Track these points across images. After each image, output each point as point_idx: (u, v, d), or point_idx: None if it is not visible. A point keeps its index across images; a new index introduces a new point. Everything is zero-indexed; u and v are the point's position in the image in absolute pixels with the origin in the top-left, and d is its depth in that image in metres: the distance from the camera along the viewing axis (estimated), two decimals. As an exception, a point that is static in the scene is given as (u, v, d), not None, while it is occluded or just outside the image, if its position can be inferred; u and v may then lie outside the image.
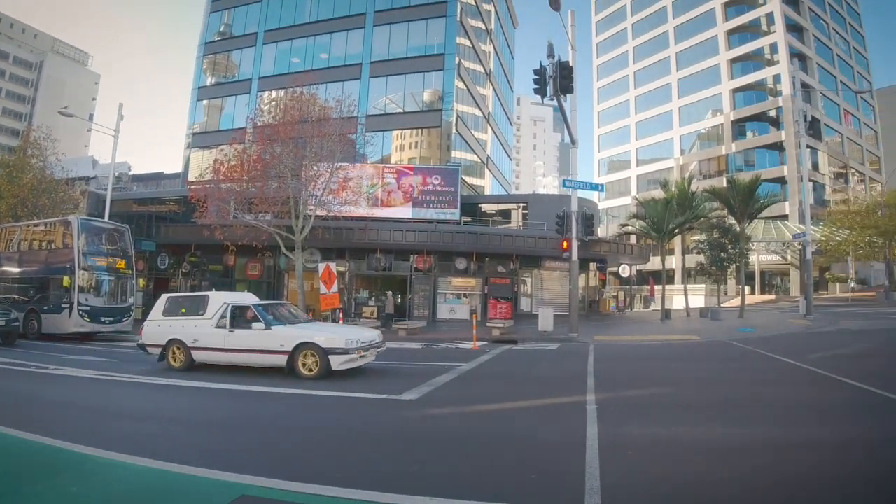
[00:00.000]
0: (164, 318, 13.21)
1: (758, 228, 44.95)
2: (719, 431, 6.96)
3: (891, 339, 18.08)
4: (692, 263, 43.09)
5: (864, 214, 45.77)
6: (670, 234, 32.52)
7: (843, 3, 73.08)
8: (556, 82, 18.84)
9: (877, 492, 4.75)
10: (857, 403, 8.63)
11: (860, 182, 65.43)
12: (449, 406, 8.70)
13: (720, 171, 58.83)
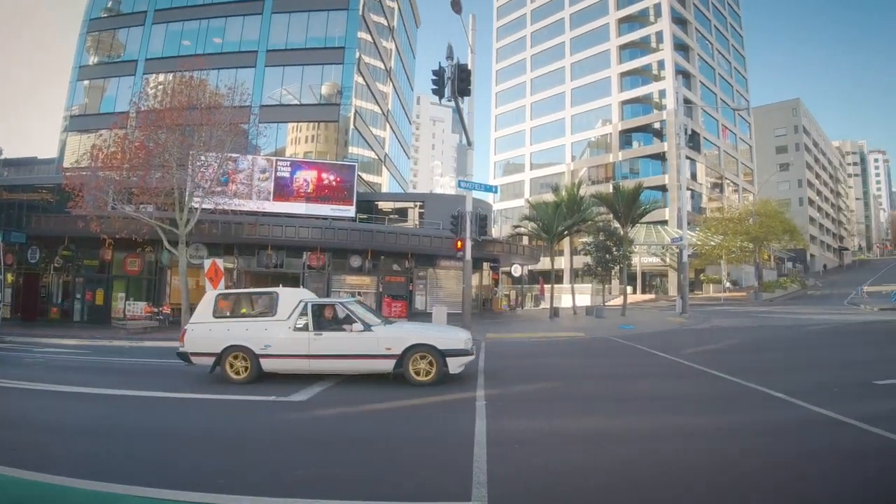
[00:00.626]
0: (217, 321, 10.96)
1: (640, 232, 47.68)
2: (601, 423, 7.30)
3: (757, 336, 19.54)
4: (580, 264, 44.86)
5: (736, 222, 49.68)
6: (560, 236, 33.70)
7: (728, 26, 79.02)
8: (454, 84, 18.92)
9: (742, 475, 5.12)
10: (724, 394, 9.20)
11: (734, 192, 70.71)
12: (339, 406, 8.51)
13: (607, 177, 61.80)
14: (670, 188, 56.56)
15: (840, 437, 6.35)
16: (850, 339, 17.91)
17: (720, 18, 76.77)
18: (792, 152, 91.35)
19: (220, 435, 7.10)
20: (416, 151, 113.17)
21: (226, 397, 9.24)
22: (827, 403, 7.71)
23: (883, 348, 15.21)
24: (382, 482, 5.04)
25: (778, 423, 7.11)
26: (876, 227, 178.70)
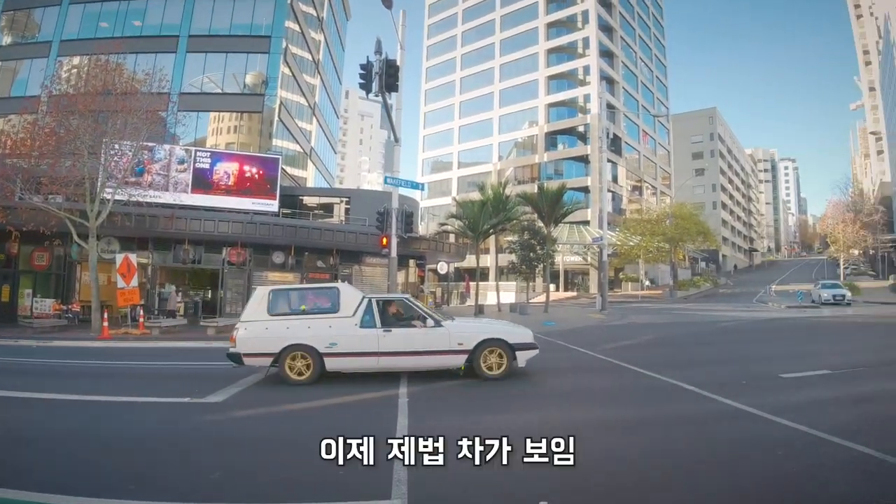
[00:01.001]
0: (274, 319, 10.27)
1: (563, 232, 48.93)
2: (520, 417, 7.45)
3: (671, 332, 20.39)
4: (505, 262, 45.47)
5: (654, 223, 51.73)
6: (485, 234, 34.08)
7: (652, 35, 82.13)
8: (382, 79, 18.83)
9: (641, 456, 5.38)
10: (639, 388, 9.61)
11: (653, 195, 73.51)
12: (257, 407, 8.31)
13: (533, 178, 62.92)
14: (593, 190, 58.14)
15: (748, 427, 6.74)
16: (758, 336, 18.91)
17: (644, 28, 79.69)
18: (707, 158, 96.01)
19: (129, 438, 6.78)
20: (343, 146, 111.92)
21: (135, 399, 8.87)
22: (736, 395, 8.15)
23: (788, 344, 16.24)
24: (300, 483, 4.98)
25: (689, 415, 7.47)
26: (784, 230, 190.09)
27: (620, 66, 69.13)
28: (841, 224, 69.43)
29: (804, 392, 8.73)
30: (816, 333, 19.69)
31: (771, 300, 40.35)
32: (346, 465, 5.33)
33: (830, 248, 75.04)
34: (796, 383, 9.44)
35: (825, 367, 10.63)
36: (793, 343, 16.58)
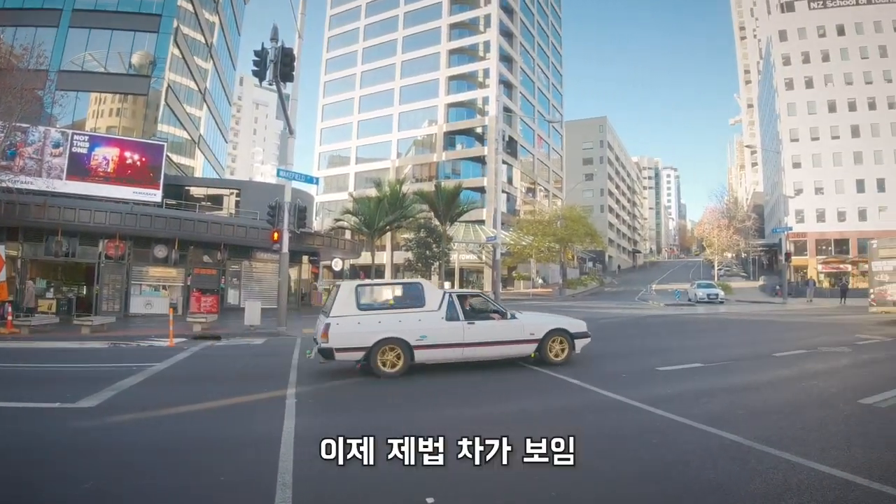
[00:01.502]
0: (364, 314, 10.32)
1: (459, 230, 49.72)
2: (414, 415, 7.58)
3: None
4: (401, 259, 45.66)
5: (546, 224, 53.54)
6: (381, 231, 34.14)
7: (550, 44, 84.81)
8: (277, 68, 18.45)
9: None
10: (525, 383, 9.96)
11: (545, 197, 76.08)
12: (134, 411, 7.85)
13: (431, 176, 63.33)
14: (488, 190, 59.29)
15: (626, 417, 7.26)
16: (638, 331, 20.04)
17: (543, 37, 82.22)
18: (597, 164, 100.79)
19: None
20: (235, 135, 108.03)
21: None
22: (616, 388, 8.72)
23: (665, 339, 17.28)
24: (179, 493, 4.81)
25: (572, 407, 7.92)
26: (665, 233, 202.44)
27: (519, 72, 71.08)
28: (716, 229, 74.98)
29: (679, 384, 9.36)
30: (691, 329, 21.09)
31: (651, 298, 42.85)
32: (228, 470, 5.27)
33: (706, 251, 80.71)
34: (672, 376, 10.14)
35: (698, 361, 11.52)
36: (669, 338, 17.62)
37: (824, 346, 13.84)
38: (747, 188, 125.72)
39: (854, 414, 7.06)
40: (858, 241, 68.66)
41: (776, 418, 7.00)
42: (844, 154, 70.36)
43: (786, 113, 73.64)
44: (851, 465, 5.00)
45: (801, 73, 73.57)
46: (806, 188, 70.47)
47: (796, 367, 10.94)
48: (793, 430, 6.29)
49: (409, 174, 62.56)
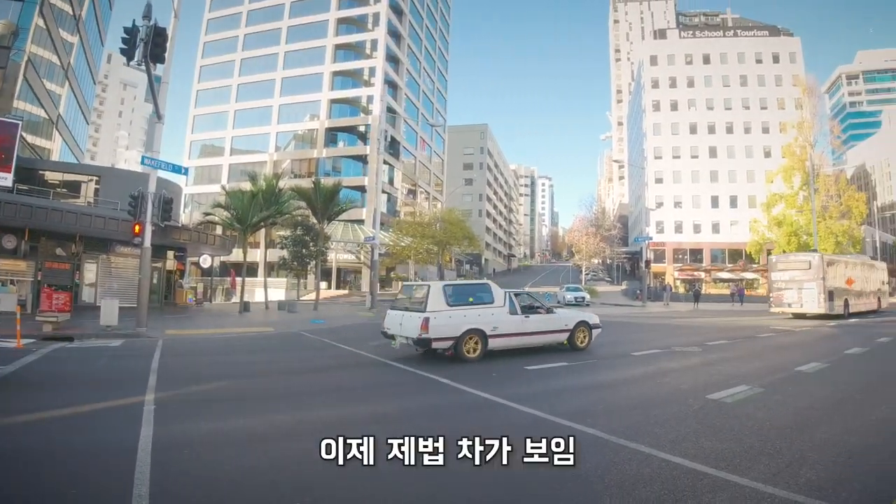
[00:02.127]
0: (453, 309, 12.09)
1: (338, 229, 48.95)
2: (279, 419, 7.14)
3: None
4: (275, 258, 44.20)
5: (425, 226, 53.92)
6: (255, 227, 32.81)
7: (437, 48, 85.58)
8: (148, 47, 17.21)
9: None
10: (401, 382, 10.00)
11: (426, 199, 76.70)
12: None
13: (310, 172, 61.77)
14: (369, 189, 58.88)
15: (495, 414, 7.35)
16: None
17: (431, 41, 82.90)
18: (477, 170, 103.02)
19: None
20: (98, 117, 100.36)
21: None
22: (486, 387, 8.82)
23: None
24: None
25: (444, 405, 7.93)
26: (539, 239, 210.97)
27: (405, 73, 71.12)
28: (585, 236, 79.15)
29: (545, 382, 9.67)
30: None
31: (523, 301, 44.11)
32: (79, 484, 4.75)
33: (575, 257, 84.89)
34: (539, 374, 10.44)
35: (563, 360, 11.98)
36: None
37: (677, 346, 14.87)
38: (614, 199, 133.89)
39: (703, 408, 7.52)
40: (711, 251, 75.52)
41: (633, 413, 7.36)
42: (702, 172, 76.80)
43: (651, 132, 79.09)
44: (700, 455, 5.31)
45: (667, 96, 79.41)
46: (666, 202, 75.98)
47: (652, 366, 11.67)
48: (647, 425, 6.59)
49: (287, 169, 60.72)
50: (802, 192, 52.68)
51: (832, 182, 55.98)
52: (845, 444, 5.83)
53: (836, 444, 5.80)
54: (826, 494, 4.37)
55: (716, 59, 79.59)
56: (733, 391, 8.55)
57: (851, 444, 5.84)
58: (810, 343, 16.91)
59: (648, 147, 79.51)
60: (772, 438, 5.99)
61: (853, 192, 56.93)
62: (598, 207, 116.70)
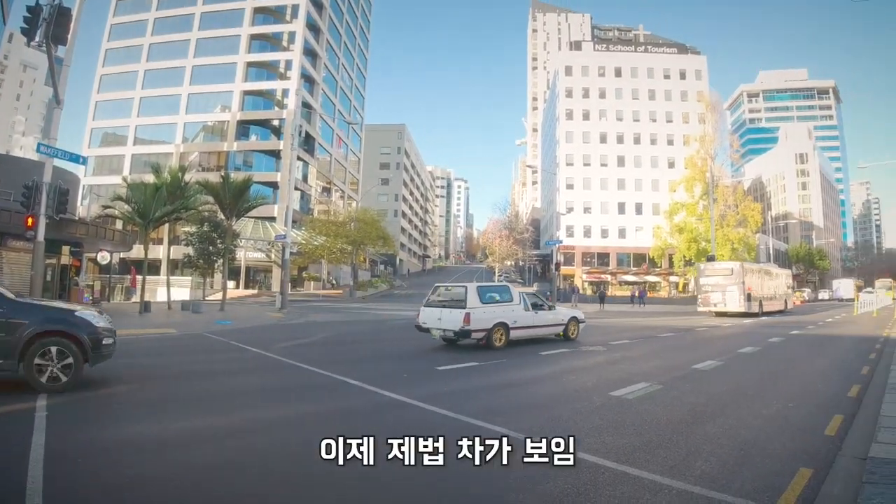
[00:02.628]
0: (486, 306, 14.34)
1: (247, 226, 47.39)
2: (180, 425, 6.73)
3: (347, 330, 20.87)
4: (180, 255, 42.28)
5: (340, 225, 53.20)
6: (158, 222, 31.08)
7: (357, 45, 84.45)
8: (50, 27, 16.01)
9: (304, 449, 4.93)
10: (311, 385, 9.60)
11: (341, 198, 75.52)
12: None
13: (219, 166, 59.34)
14: (282, 186, 57.31)
15: (406, 416, 7.19)
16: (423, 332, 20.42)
17: (350, 37, 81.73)
18: (393, 170, 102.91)
19: None
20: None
21: None
22: (397, 388, 8.66)
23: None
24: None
25: (351, 408, 7.70)
26: (454, 240, 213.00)
27: (323, 69, 69.72)
28: (499, 238, 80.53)
29: (455, 382, 9.70)
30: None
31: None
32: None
33: (489, 258, 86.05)
34: (450, 374, 10.43)
35: (474, 360, 12.02)
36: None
37: (584, 345, 15.29)
38: (527, 203, 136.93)
39: (606, 405, 7.73)
40: (618, 255, 78.83)
41: (539, 411, 7.47)
42: (611, 180, 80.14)
43: (564, 139, 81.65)
44: (602, 450, 5.44)
45: (580, 105, 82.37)
46: (577, 207, 78.65)
47: (559, 365, 11.95)
48: (553, 421, 6.70)
49: (194, 162, 58.35)
50: (703, 202, 55.64)
51: (730, 192, 59.50)
52: (737, 437, 6.12)
53: (729, 437, 6.07)
54: (719, 485, 4.53)
55: (627, 72, 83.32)
56: (634, 388, 8.84)
57: (743, 436, 6.13)
58: (706, 342, 17.88)
59: (561, 154, 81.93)
60: (669, 433, 6.21)
61: (749, 202, 60.91)
62: (511, 211, 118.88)
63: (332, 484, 4.46)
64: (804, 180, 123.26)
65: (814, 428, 6.60)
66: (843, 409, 7.64)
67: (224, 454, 5.46)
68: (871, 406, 7.48)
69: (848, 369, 11.66)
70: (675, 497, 4.35)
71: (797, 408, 7.80)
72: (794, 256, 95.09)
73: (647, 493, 4.38)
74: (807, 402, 8.20)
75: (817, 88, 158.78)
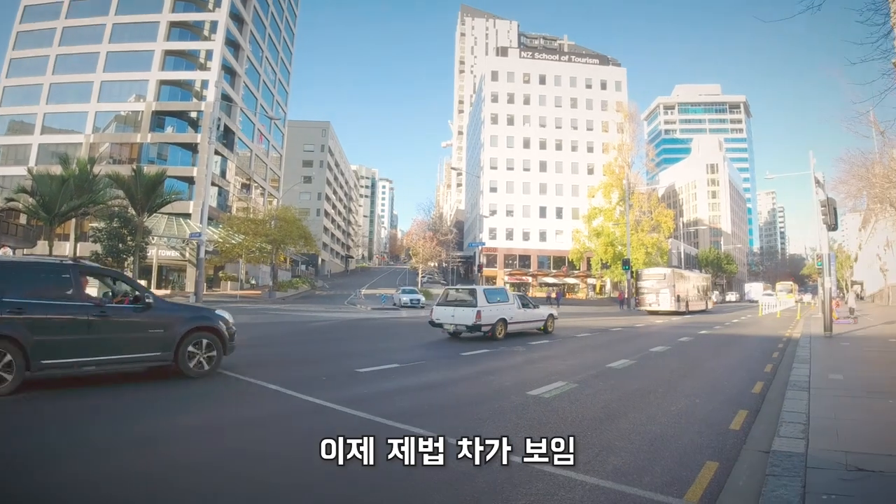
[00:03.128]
0: (490, 305, 17.43)
1: (160, 223, 45.36)
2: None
3: (265, 332, 19.73)
4: (87, 252, 40.02)
5: (259, 223, 51.69)
6: (64, 217, 29.51)
7: (282, 38, 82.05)
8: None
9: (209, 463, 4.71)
10: (222, 391, 9.08)
11: (261, 195, 73.40)
12: None
13: (132, 159, 56.11)
14: (198, 181, 54.89)
15: (322, 420, 6.96)
16: (343, 334, 20.08)
17: (276, 30, 79.34)
18: (317, 167, 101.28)
19: None
20: None
21: None
22: (315, 392, 8.40)
23: (368, 342, 17.57)
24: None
25: (268, 414, 7.39)
26: (377, 241, 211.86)
27: (246, 61, 67.27)
28: (423, 240, 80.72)
29: (376, 384, 9.47)
30: (392, 332, 21.83)
31: (360, 303, 43.97)
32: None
33: (413, 260, 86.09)
34: (371, 377, 10.20)
35: (396, 362, 11.84)
36: (372, 341, 18.06)
37: (503, 346, 15.40)
38: (452, 205, 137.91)
39: (524, 404, 7.86)
40: (538, 258, 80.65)
41: (459, 410, 7.54)
42: (533, 184, 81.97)
43: (489, 143, 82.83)
44: (518, 448, 5.34)
45: (505, 110, 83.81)
46: (500, 210, 79.96)
47: (479, 365, 12.03)
48: (473, 422, 6.74)
49: (105, 153, 55.30)
50: (619, 207, 57.75)
51: (645, 199, 61.99)
52: (648, 432, 6.33)
53: (640, 433, 6.27)
54: (631, 479, 4.66)
55: (551, 80, 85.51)
56: (551, 387, 9.03)
57: (653, 432, 6.34)
58: (621, 342, 18.48)
59: (485, 157, 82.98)
60: (583, 429, 6.34)
61: (663, 209, 63.80)
62: (436, 212, 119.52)
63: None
64: (714, 189, 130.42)
65: (720, 423, 6.91)
66: (748, 404, 8.06)
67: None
68: (775, 402, 7.94)
69: (752, 367, 12.31)
70: (589, 492, 4.43)
71: (704, 404, 8.18)
72: (703, 260, 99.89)
73: (561, 490, 4.46)
74: (713, 399, 8.59)
75: (729, 103, 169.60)
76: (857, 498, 4.05)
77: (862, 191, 29.43)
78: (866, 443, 5.32)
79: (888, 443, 5.46)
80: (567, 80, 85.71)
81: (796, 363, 11.61)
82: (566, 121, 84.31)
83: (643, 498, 4.36)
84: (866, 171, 27.38)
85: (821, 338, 18.14)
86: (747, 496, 4.36)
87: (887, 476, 4.47)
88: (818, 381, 9.36)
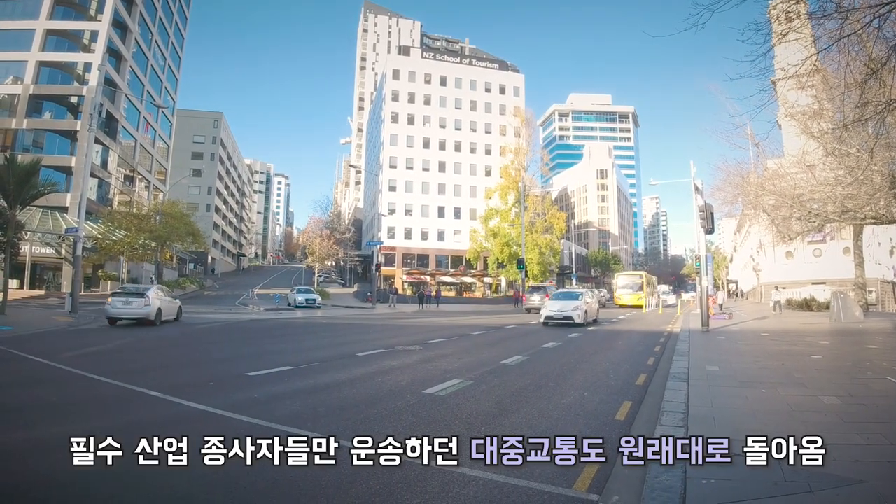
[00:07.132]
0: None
1: (34, 217, 41.86)
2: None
3: (144, 334, 18.96)
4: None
5: (142, 218, 48.92)
6: (-80, 208, 26.64)
7: (174, 22, 77.15)
8: None
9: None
10: (98, 397, 8.53)
11: (146, 188, 69.26)
12: None
13: (6, 146, 51.45)
14: (76, 172, 50.96)
15: (204, 427, 6.47)
16: (234, 336, 19.42)
17: (167, 13, 74.76)
18: (207, 160, 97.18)
19: None
20: None
21: None
22: (201, 398, 8.03)
23: (260, 344, 16.85)
24: None
25: (148, 422, 6.86)
26: (272, 238, 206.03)
27: (133, 43, 62.98)
28: (319, 238, 79.37)
29: (267, 387, 9.16)
30: (286, 333, 21.29)
31: (252, 303, 42.67)
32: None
33: (309, 258, 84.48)
34: (261, 380, 9.87)
35: (289, 364, 11.54)
36: (264, 342, 17.36)
37: (400, 345, 15.56)
38: (350, 203, 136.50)
39: (419, 402, 7.95)
40: (437, 257, 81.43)
41: (353, 412, 7.41)
42: (432, 184, 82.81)
43: (388, 142, 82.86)
44: (416, 448, 5.37)
45: (406, 109, 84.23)
46: (398, 209, 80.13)
47: (375, 365, 11.94)
48: (367, 422, 6.73)
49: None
50: (515, 209, 59.41)
51: (540, 202, 64.18)
52: (539, 425, 6.62)
53: (531, 427, 6.53)
54: (522, 473, 4.79)
55: (452, 82, 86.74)
56: (446, 385, 9.19)
57: (544, 425, 6.63)
58: (514, 339, 18.97)
59: (384, 156, 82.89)
60: (477, 425, 6.53)
61: (556, 211, 66.40)
62: (334, 210, 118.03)
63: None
64: (603, 193, 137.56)
65: (606, 414, 7.30)
66: (632, 395, 8.55)
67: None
68: (656, 393, 8.47)
69: (637, 360, 13.07)
70: (482, 487, 4.55)
71: (592, 396, 8.61)
72: (592, 261, 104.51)
73: (455, 487, 4.55)
74: (600, 391, 9.04)
75: (619, 112, 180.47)
76: (734, 482, 4.36)
77: (737, 197, 31.49)
78: (740, 429, 5.70)
79: (760, 429, 5.89)
80: (468, 82, 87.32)
81: (676, 356, 12.38)
82: (466, 122, 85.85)
83: (535, 490, 4.52)
84: (742, 180, 29.38)
85: (699, 332, 19.44)
86: (632, 482, 4.59)
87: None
88: (696, 372, 10.03)
